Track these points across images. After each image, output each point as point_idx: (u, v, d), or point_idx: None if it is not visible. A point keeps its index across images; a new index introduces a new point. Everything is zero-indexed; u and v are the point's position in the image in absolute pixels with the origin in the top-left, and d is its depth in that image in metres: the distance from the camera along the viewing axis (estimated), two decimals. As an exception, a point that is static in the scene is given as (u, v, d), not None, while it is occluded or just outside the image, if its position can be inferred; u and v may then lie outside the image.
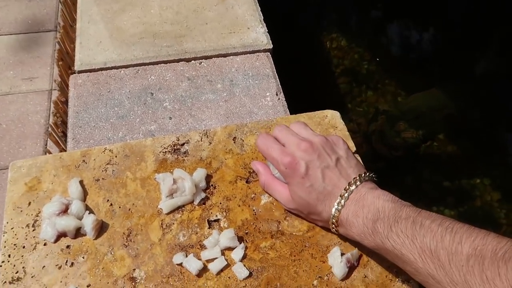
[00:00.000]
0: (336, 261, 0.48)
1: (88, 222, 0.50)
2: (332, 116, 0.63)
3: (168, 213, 0.53)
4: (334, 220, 0.48)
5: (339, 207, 0.47)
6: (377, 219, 0.44)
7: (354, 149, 0.60)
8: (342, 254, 0.49)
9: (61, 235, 0.51)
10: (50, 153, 0.86)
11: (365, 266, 0.50)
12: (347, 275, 0.49)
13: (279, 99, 0.70)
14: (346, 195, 0.47)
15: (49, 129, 1.12)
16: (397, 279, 0.49)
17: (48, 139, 1.30)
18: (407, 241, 0.41)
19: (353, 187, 0.47)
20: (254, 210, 0.54)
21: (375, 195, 0.46)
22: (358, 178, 0.48)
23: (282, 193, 0.52)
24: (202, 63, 0.75)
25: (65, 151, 0.69)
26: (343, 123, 0.63)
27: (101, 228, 0.52)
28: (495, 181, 1.13)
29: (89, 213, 0.51)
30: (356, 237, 0.46)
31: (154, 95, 0.70)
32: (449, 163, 1.16)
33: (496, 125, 1.25)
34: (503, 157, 1.21)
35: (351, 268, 0.49)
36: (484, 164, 1.17)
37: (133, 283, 0.48)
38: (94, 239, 0.51)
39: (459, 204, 1.10)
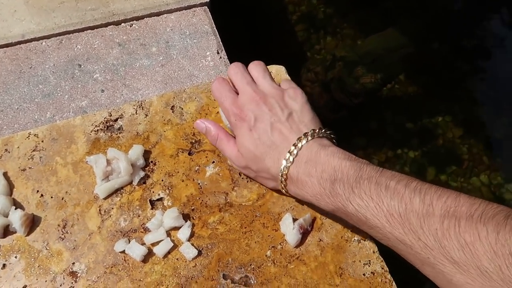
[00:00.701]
0: (288, 228, 0.46)
1: (16, 218, 0.46)
2: (278, 72, 0.59)
3: (105, 198, 0.49)
4: (283, 178, 0.44)
5: (288, 164, 0.44)
6: (335, 179, 0.41)
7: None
8: (294, 220, 0.46)
9: None
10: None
11: (319, 229, 0.48)
12: (301, 241, 0.46)
13: (220, 57, 0.65)
14: (295, 151, 0.44)
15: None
16: (353, 239, 0.47)
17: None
18: (372, 204, 0.38)
19: (303, 142, 0.44)
20: (199, 183, 0.50)
21: (329, 153, 0.43)
22: (309, 133, 0.45)
23: (233, 149, 0.49)
24: (133, 25, 0.68)
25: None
26: (289, 77, 0.59)
27: (32, 223, 0.47)
28: (456, 117, 1.12)
29: (15, 208, 0.47)
30: (310, 198, 0.43)
31: (82, 66, 0.63)
32: (411, 104, 1.14)
33: (455, 59, 1.23)
34: (462, 92, 1.20)
35: (305, 233, 0.47)
36: (445, 101, 1.16)
37: (74, 278, 0.44)
38: (26, 236, 0.46)
39: (423, 145, 1.10)
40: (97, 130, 0.53)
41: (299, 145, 0.44)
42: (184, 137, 0.53)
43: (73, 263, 0.45)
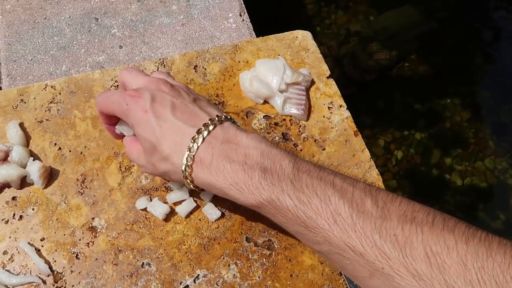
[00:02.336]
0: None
1: (34, 170, 0.44)
2: (303, 37, 0.57)
3: (126, 155, 0.47)
4: (188, 163, 0.36)
5: (197, 144, 0.35)
6: (266, 168, 0.34)
7: (328, 73, 0.55)
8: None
9: (4, 186, 0.45)
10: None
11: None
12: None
13: (243, 20, 0.63)
14: (205, 131, 0.36)
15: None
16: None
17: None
18: (315, 200, 0.32)
19: (216, 122, 0.37)
20: (222, 145, 0.49)
21: (251, 136, 0.36)
22: (222, 116, 0.38)
23: (134, 148, 0.41)
24: (153, -19, 0.65)
25: None
26: (315, 44, 0.57)
27: (50, 176, 0.46)
28: (465, 101, 1.12)
29: (33, 160, 0.45)
30: (225, 188, 0.35)
31: (99, 20, 0.60)
32: (421, 84, 1.13)
33: (467, 42, 1.22)
34: (472, 75, 1.20)
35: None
36: (454, 83, 1.15)
37: (93, 233, 0.43)
38: (43, 188, 0.45)
39: (429, 127, 1.09)
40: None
41: (211, 125, 0.36)
42: (207, 97, 0.51)
43: (93, 218, 0.44)
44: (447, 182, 1.04)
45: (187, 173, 0.36)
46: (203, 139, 0.36)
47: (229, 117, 0.39)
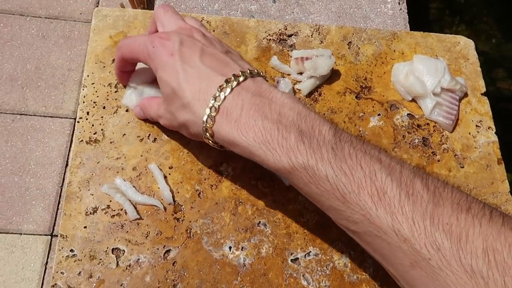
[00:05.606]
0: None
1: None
2: (466, 45, 0.53)
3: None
4: (212, 113, 0.32)
5: (224, 94, 0.32)
6: (303, 131, 0.30)
7: (484, 89, 0.51)
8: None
9: None
10: (123, 7, 0.77)
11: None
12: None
13: (400, 9, 0.59)
14: (234, 82, 0.32)
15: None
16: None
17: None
18: (359, 174, 0.28)
19: (247, 75, 0.33)
20: (360, 131, 0.47)
21: (287, 96, 0.33)
22: (255, 70, 0.35)
23: (153, 101, 0.39)
24: None
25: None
26: (477, 55, 0.53)
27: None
28: None
29: (180, 89, 0.45)
30: (251, 147, 0.31)
31: (260, -32, 0.59)
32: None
33: None
34: None
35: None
36: None
37: (219, 177, 0.43)
38: (181, 119, 0.45)
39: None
40: (270, 39, 0.50)
41: (242, 77, 0.33)
42: (355, 78, 0.49)
43: (221, 163, 0.44)
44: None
45: (208, 125, 0.33)
46: (232, 89, 0.32)
47: (262, 74, 0.35)
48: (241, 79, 0.33)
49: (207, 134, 0.34)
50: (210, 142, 0.35)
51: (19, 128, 1.18)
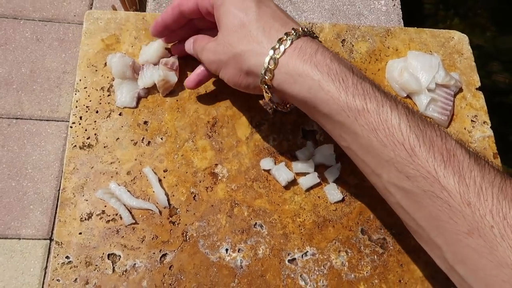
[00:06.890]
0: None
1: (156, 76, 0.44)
2: (460, 40, 0.53)
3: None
4: (282, 46, 0.33)
5: (285, 46, 0.33)
6: (378, 87, 0.32)
7: (478, 84, 0.51)
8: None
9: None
10: (115, 9, 0.77)
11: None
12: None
13: (394, 5, 0.59)
14: (294, 34, 0.33)
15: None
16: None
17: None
18: (431, 133, 0.29)
19: (306, 30, 0.34)
20: (355, 129, 0.47)
21: (338, 56, 0.34)
22: (311, 29, 0.36)
23: (210, 45, 0.38)
24: None
25: (139, 11, 0.60)
26: (471, 50, 0.53)
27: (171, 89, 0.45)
28: None
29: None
30: (321, 81, 0.31)
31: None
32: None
33: None
34: None
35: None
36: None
37: (214, 179, 0.43)
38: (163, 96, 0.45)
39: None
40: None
41: (302, 30, 0.34)
42: (349, 76, 0.49)
43: (216, 165, 0.43)
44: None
45: (275, 55, 0.33)
46: (291, 43, 0.33)
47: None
48: (295, 36, 0.33)
49: (269, 65, 0.33)
50: (264, 78, 0.34)
51: (15, 133, 1.17)
